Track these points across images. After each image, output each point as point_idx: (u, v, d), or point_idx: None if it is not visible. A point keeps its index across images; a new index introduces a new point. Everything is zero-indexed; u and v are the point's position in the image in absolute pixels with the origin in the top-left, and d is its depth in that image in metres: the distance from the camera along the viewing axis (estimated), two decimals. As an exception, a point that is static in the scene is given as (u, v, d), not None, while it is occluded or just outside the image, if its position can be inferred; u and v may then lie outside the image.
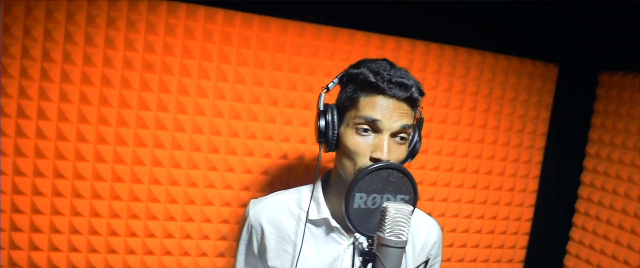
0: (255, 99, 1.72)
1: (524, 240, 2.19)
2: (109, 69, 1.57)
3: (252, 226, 1.32)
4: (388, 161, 1.08)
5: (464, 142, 1.99)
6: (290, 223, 1.30)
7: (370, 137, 1.14)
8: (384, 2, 1.78)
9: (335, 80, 1.22)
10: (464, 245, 2.10)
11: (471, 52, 1.93)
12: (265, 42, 1.69)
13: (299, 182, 1.44)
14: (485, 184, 2.06)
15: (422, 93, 1.18)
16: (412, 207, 0.93)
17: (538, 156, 2.12)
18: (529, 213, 2.16)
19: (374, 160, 1.11)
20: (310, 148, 1.81)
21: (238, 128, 1.72)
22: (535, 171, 2.13)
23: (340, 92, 1.22)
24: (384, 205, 0.91)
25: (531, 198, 2.15)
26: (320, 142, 1.20)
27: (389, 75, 1.12)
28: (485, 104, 1.98)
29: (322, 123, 1.17)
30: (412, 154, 1.24)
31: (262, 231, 1.30)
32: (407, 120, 1.15)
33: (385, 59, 1.20)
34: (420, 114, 1.25)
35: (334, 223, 1.26)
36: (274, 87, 1.73)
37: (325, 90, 1.21)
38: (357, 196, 0.99)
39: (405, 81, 1.13)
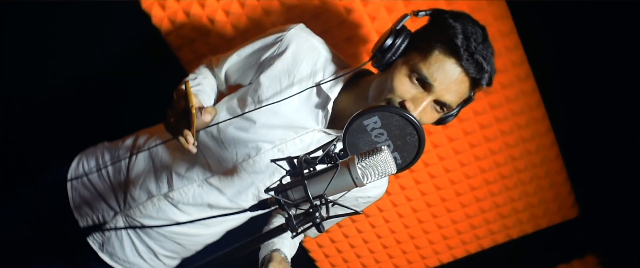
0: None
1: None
2: None
3: (282, 39, 1.29)
4: (419, 121, 1.02)
5: (460, 165, 1.90)
6: (305, 70, 1.27)
7: (416, 90, 1.12)
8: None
9: (428, 12, 1.17)
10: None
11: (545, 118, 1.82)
12: None
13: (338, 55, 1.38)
14: (439, 213, 2.04)
15: (489, 84, 1.15)
16: (395, 171, 0.91)
17: (487, 243, 2.13)
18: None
19: (402, 105, 1.11)
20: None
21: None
22: (473, 249, 2.14)
23: (424, 27, 1.18)
24: (383, 146, 0.89)
25: (447, 257, 2.18)
26: (374, 54, 1.18)
27: (474, 48, 1.08)
28: (505, 157, 1.88)
29: (389, 41, 1.14)
30: (440, 121, 1.24)
31: (283, 52, 1.28)
32: (457, 99, 1.14)
33: (483, 29, 1.14)
34: (474, 94, 1.22)
35: (330, 107, 1.25)
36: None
37: (413, 14, 1.17)
38: (373, 118, 0.97)
39: (484, 64, 1.09)
